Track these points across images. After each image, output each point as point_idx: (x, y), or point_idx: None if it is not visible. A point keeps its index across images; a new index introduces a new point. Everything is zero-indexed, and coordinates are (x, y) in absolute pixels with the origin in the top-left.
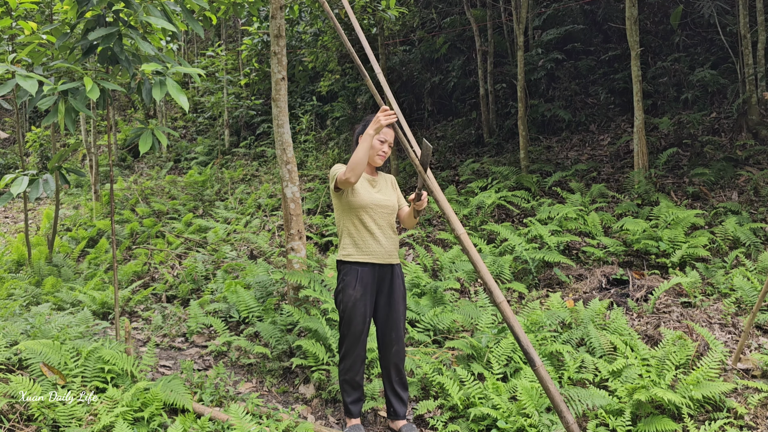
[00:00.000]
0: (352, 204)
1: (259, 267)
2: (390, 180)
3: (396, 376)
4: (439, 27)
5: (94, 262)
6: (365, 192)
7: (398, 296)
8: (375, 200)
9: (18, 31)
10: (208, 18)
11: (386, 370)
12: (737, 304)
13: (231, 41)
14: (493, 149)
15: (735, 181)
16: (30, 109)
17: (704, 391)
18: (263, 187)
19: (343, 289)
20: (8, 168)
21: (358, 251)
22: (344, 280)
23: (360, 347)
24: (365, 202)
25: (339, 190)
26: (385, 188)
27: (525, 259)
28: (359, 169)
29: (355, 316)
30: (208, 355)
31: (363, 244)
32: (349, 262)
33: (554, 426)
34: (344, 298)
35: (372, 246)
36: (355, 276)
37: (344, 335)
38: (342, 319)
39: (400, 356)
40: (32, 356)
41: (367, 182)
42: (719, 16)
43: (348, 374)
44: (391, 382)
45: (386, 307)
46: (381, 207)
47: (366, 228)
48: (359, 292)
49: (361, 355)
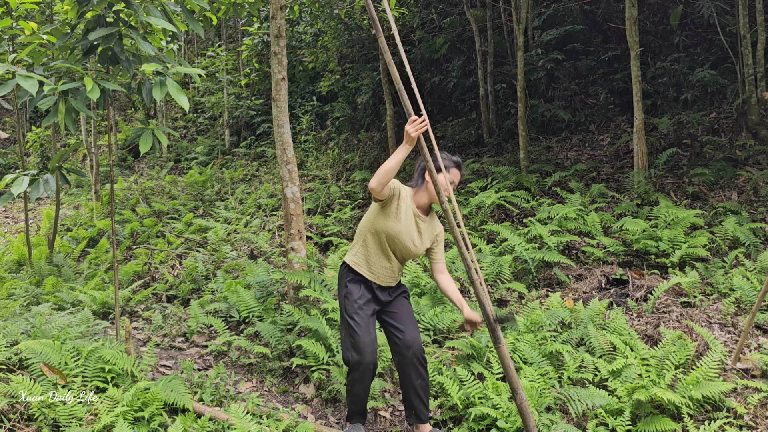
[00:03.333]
0: (386, 227)
1: (260, 267)
2: (437, 231)
3: (417, 379)
4: (439, 27)
5: (95, 262)
6: (404, 226)
7: (402, 297)
8: (406, 237)
9: (18, 31)
10: (208, 18)
11: (405, 373)
12: (737, 304)
13: (231, 41)
14: (492, 149)
15: (735, 181)
16: (30, 109)
17: (704, 391)
18: (263, 187)
19: (347, 295)
20: (9, 168)
21: (367, 268)
22: (347, 286)
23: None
24: (396, 233)
25: (380, 201)
26: (425, 234)
27: (525, 259)
28: (385, 178)
29: (361, 325)
30: (209, 355)
31: (374, 265)
32: (355, 270)
33: (554, 426)
34: (348, 306)
35: (381, 271)
36: (359, 285)
37: (349, 345)
38: (346, 325)
39: (418, 357)
40: (33, 356)
41: (413, 219)
42: (719, 16)
43: (356, 386)
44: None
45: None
46: (406, 247)
47: (384, 253)
48: (363, 300)
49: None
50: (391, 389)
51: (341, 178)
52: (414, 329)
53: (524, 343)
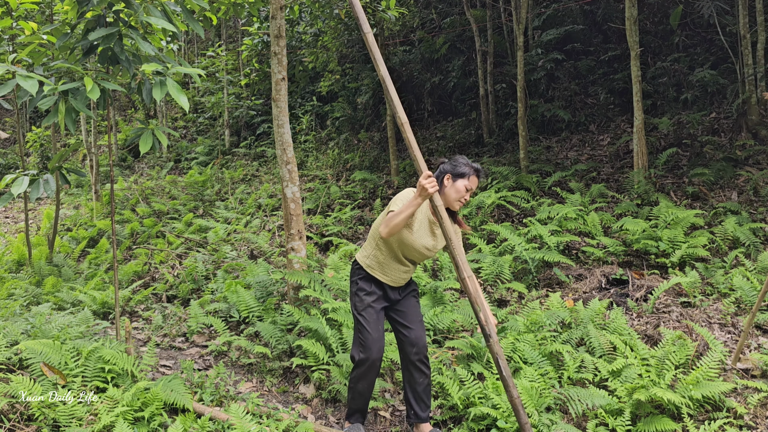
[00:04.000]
0: (399, 236)
1: (260, 267)
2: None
3: (420, 377)
4: (439, 27)
5: (95, 262)
6: (418, 236)
7: (411, 296)
8: (423, 245)
9: (18, 31)
10: (208, 18)
11: (407, 370)
12: (737, 304)
13: (231, 41)
14: (492, 149)
15: (734, 181)
16: (30, 109)
17: (704, 391)
18: (263, 187)
19: (357, 292)
20: (9, 168)
21: (380, 271)
22: (358, 284)
23: (374, 353)
24: (409, 242)
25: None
26: (440, 237)
27: (525, 259)
28: (395, 229)
29: (370, 321)
30: (209, 355)
31: (387, 267)
32: (366, 270)
33: (554, 426)
34: (357, 303)
35: (394, 273)
36: (370, 283)
37: (358, 342)
38: (356, 322)
39: (422, 356)
40: (33, 356)
41: (427, 225)
42: (719, 16)
43: (360, 382)
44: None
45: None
46: (420, 253)
47: (396, 258)
48: (373, 297)
49: (376, 365)
50: (391, 389)
51: (341, 178)
52: (420, 328)
53: (524, 343)
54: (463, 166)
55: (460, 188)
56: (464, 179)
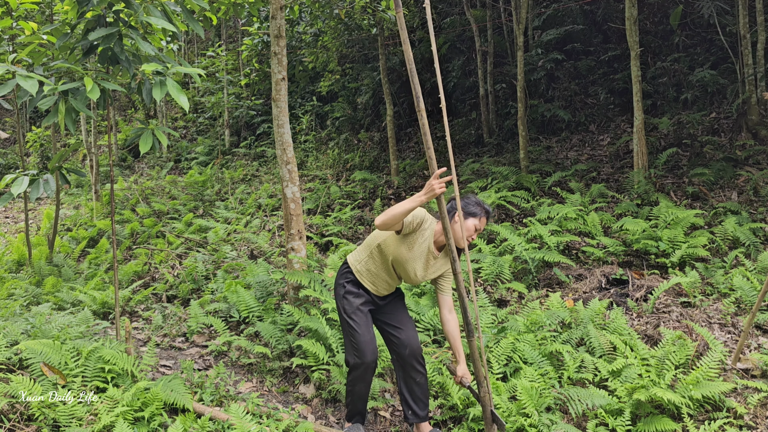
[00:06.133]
0: (396, 251)
1: (260, 267)
2: (447, 268)
3: (417, 377)
4: (439, 27)
5: (95, 262)
6: (413, 259)
7: (397, 299)
8: (413, 269)
9: (18, 31)
10: (208, 18)
11: (403, 371)
12: (737, 304)
13: (231, 41)
14: (492, 149)
15: (734, 181)
16: (30, 109)
17: (704, 391)
18: (263, 187)
19: (345, 295)
20: (9, 168)
21: (369, 279)
22: (345, 287)
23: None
24: (403, 260)
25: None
26: (432, 269)
27: (525, 259)
28: (392, 221)
29: (360, 324)
30: (209, 355)
31: (377, 279)
32: (355, 275)
33: (554, 426)
34: (346, 305)
35: (382, 284)
36: (357, 287)
37: (351, 345)
38: (346, 326)
39: (416, 356)
40: (33, 356)
41: (425, 253)
42: (719, 16)
43: (357, 385)
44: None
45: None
46: (408, 275)
47: (387, 270)
48: (361, 300)
49: (371, 366)
50: (391, 389)
51: (341, 178)
52: (411, 328)
53: (524, 343)
54: (475, 206)
55: (470, 227)
56: (475, 219)
